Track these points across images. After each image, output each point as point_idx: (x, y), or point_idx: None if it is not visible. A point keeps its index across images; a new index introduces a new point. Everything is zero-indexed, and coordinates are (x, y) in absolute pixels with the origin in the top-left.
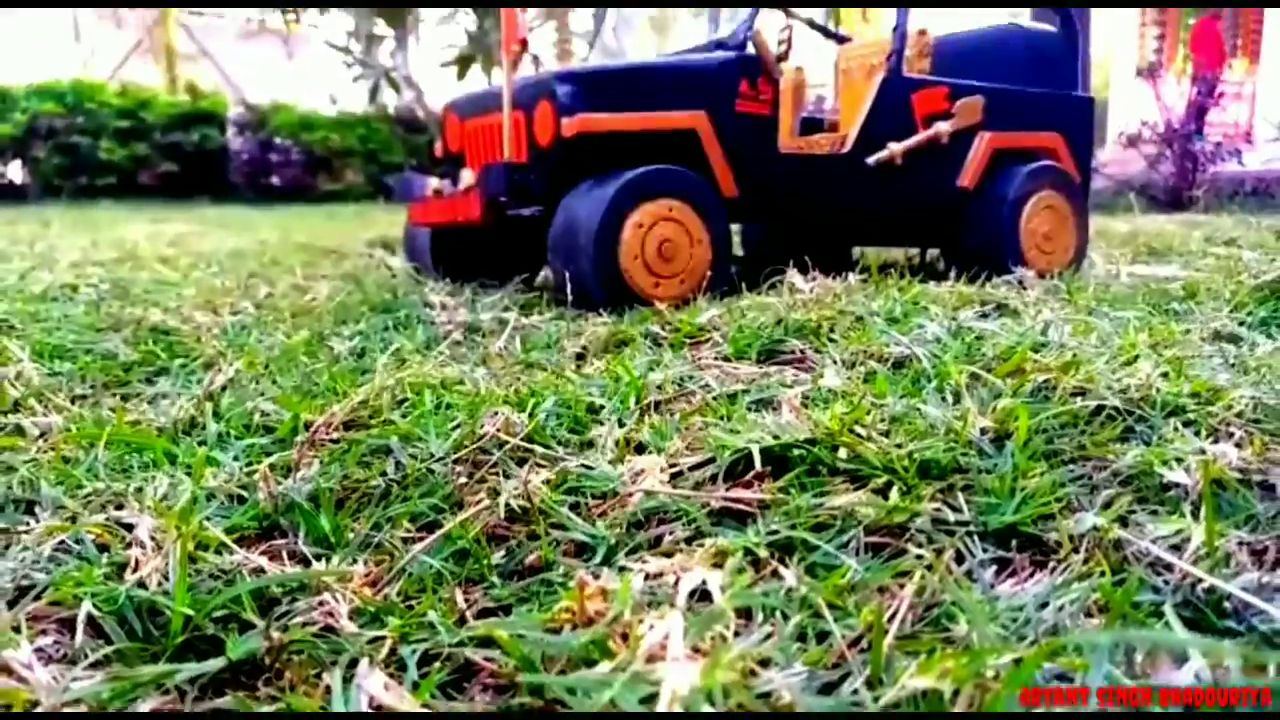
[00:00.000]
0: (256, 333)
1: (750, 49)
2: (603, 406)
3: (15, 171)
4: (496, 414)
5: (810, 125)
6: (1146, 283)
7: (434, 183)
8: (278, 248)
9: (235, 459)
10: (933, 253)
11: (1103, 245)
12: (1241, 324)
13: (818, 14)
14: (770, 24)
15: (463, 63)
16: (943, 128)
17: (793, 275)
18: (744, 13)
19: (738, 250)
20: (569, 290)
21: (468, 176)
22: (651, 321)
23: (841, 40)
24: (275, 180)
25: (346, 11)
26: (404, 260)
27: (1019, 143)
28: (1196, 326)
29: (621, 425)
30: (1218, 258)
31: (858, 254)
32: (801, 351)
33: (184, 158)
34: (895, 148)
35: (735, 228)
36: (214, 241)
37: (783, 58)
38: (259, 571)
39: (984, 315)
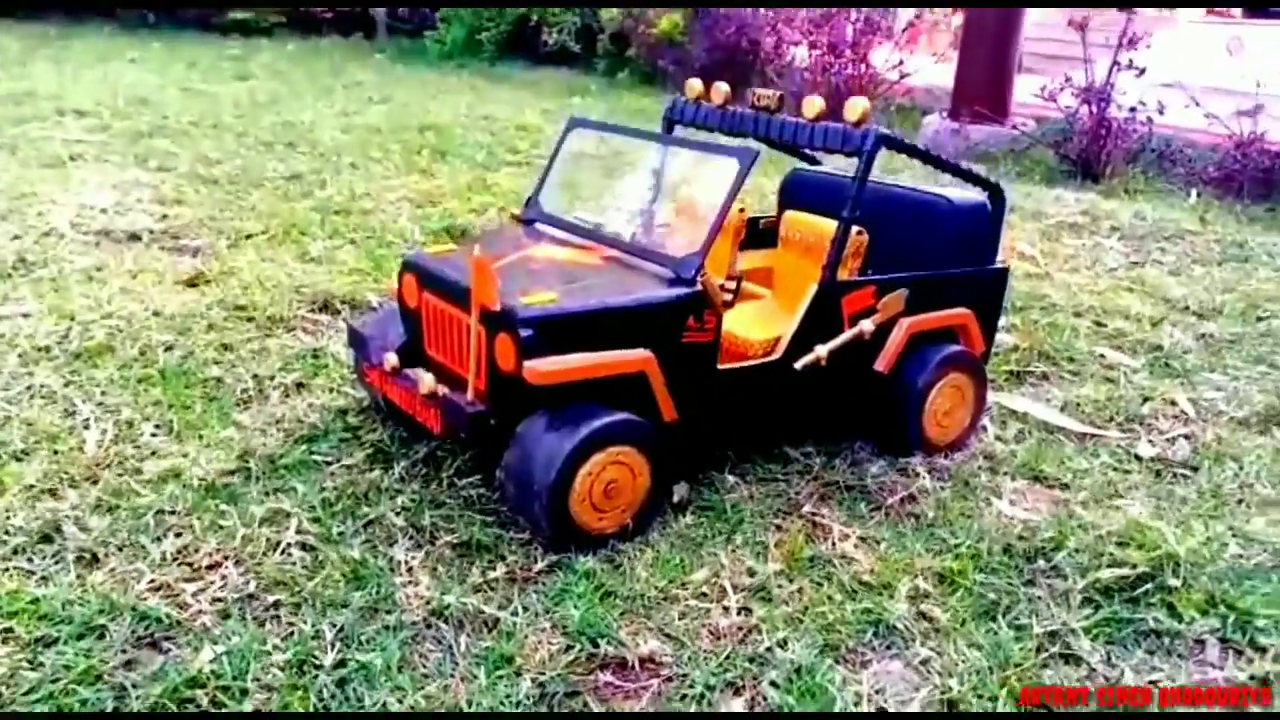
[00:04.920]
0: (246, 635)
1: (699, 286)
2: None
3: None
4: None
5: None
6: (1010, 535)
7: (392, 359)
8: (217, 317)
9: None
10: None
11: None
12: (1086, 631)
13: None
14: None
15: None
16: (866, 326)
17: (726, 571)
18: (699, 245)
19: None
20: (520, 518)
21: (429, 381)
22: (591, 597)
23: (812, 161)
24: None
25: None
26: (349, 355)
27: (935, 324)
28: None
29: None
30: (1104, 368)
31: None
32: None
33: None
34: (821, 351)
35: None
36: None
37: (729, 305)
38: None
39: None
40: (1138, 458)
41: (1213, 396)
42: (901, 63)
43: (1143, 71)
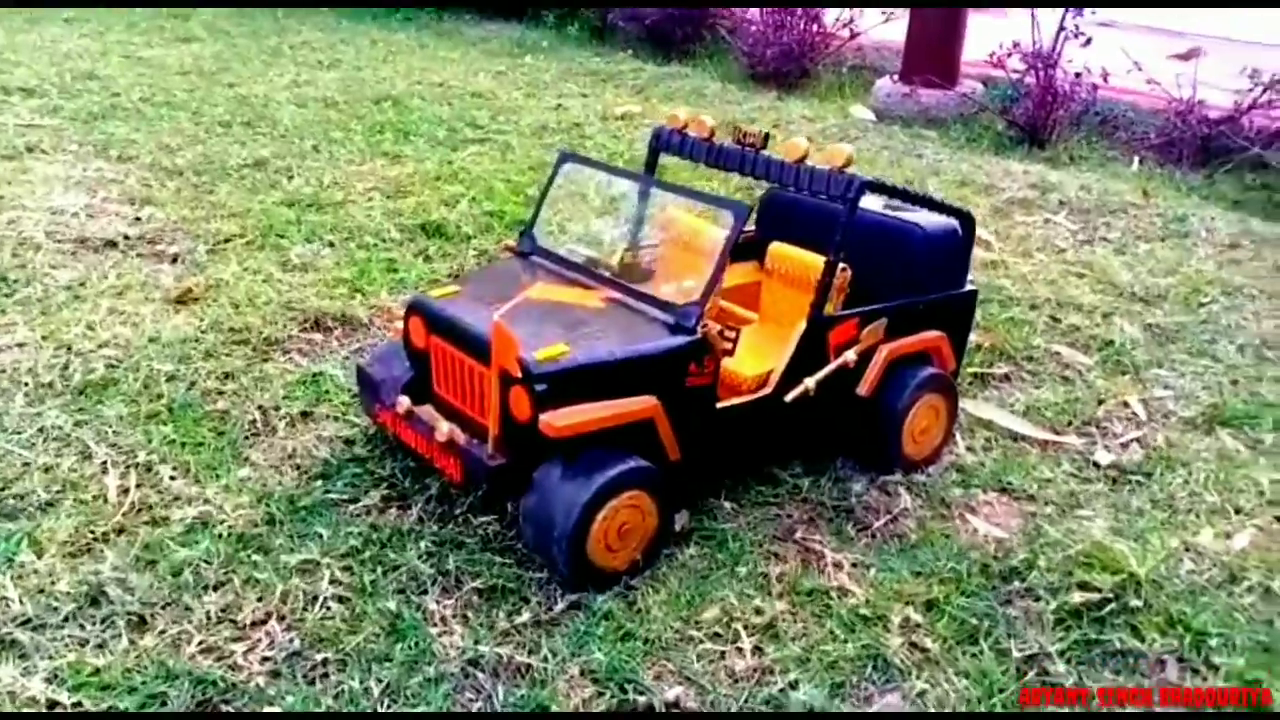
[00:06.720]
0: (300, 695)
1: (700, 335)
2: None
3: None
4: None
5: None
6: (986, 554)
7: (405, 402)
8: (214, 342)
9: None
10: None
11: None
12: (1060, 654)
13: None
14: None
15: None
16: (850, 357)
17: (736, 609)
18: (698, 294)
19: None
20: (538, 557)
21: (445, 430)
22: (613, 639)
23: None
24: None
25: None
26: (348, 379)
27: (911, 348)
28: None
29: None
30: (1061, 367)
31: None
32: None
33: None
34: (809, 383)
35: None
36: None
37: (729, 353)
38: None
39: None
40: (1096, 465)
41: (1162, 395)
42: (852, 20)
43: (1089, 41)
